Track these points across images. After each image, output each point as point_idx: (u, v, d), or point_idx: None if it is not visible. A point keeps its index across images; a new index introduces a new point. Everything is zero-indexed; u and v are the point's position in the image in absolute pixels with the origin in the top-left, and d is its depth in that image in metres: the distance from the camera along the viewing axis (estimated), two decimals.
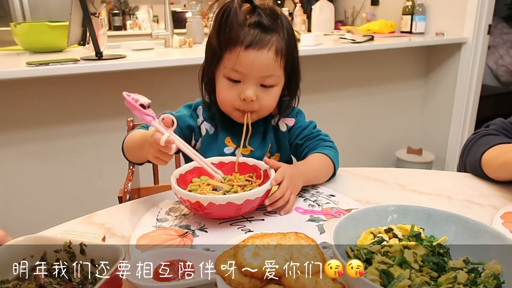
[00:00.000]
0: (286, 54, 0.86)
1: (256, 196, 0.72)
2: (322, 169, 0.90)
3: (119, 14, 3.96)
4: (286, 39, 0.86)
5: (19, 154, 1.73)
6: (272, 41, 0.83)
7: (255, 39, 0.82)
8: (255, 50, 0.82)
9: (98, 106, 1.80)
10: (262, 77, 0.85)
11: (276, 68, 0.85)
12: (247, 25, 0.82)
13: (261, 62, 0.83)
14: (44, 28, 1.87)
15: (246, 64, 0.83)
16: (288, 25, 0.87)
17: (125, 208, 0.82)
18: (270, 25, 0.83)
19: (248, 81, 0.85)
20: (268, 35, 0.83)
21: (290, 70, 0.90)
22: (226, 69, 0.85)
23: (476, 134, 0.97)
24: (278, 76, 0.87)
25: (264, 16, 0.83)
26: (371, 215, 0.62)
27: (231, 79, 0.85)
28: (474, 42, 2.37)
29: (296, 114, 1.00)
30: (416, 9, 2.56)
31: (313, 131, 0.98)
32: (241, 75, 0.84)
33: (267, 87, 0.87)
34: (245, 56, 0.82)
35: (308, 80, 2.30)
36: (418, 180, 0.91)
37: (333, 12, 2.88)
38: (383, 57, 2.50)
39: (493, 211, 0.75)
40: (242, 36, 0.82)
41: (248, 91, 0.84)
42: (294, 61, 0.90)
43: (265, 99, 0.87)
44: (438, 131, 2.68)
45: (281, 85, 0.90)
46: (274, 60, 0.84)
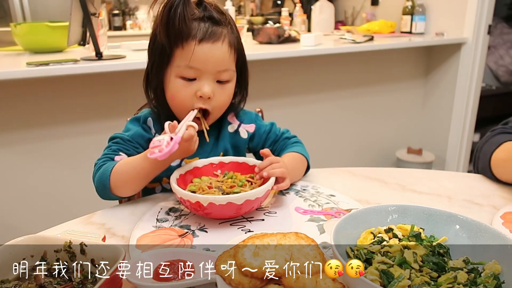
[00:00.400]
0: (237, 48, 0.85)
1: (256, 196, 0.72)
2: (300, 167, 0.91)
3: (119, 14, 3.97)
4: (235, 35, 0.84)
5: (19, 154, 1.73)
6: (225, 33, 0.81)
7: (208, 32, 0.79)
8: (210, 43, 0.79)
9: (98, 106, 1.80)
10: (218, 72, 0.82)
11: (231, 62, 0.84)
12: (197, 19, 0.80)
13: (217, 56, 0.81)
14: (44, 28, 1.87)
15: (201, 58, 0.79)
16: (233, 22, 0.86)
17: (125, 208, 0.82)
18: (219, 18, 0.82)
19: (204, 77, 0.81)
20: (220, 27, 0.81)
21: (240, 65, 0.88)
22: (179, 67, 0.81)
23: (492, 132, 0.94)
24: (233, 71, 0.85)
25: (212, 10, 0.81)
26: (371, 215, 0.62)
27: (185, 77, 0.81)
28: (474, 42, 2.37)
29: (254, 118, 0.98)
30: (416, 9, 2.56)
31: (277, 133, 0.97)
32: (196, 71, 0.80)
33: (222, 83, 0.84)
34: (200, 50, 0.79)
35: (308, 80, 2.31)
36: (418, 180, 0.91)
37: (333, 12, 2.88)
38: (383, 57, 2.50)
39: (493, 211, 0.75)
40: (194, 30, 0.79)
41: (205, 88, 0.81)
42: (243, 57, 0.88)
43: (220, 97, 0.84)
44: (438, 131, 2.68)
45: (234, 82, 0.88)
46: (229, 53, 0.82)
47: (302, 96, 2.30)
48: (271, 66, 2.13)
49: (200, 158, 0.88)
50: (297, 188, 0.88)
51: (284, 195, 0.85)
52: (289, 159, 0.89)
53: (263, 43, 2.21)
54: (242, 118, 0.96)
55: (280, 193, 0.86)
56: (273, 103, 2.21)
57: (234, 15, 2.27)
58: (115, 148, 0.85)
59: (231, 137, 0.95)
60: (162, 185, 0.92)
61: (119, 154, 0.84)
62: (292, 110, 2.27)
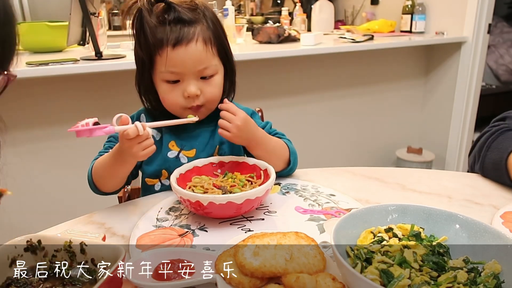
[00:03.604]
0: (216, 42, 0.85)
1: (256, 195, 0.72)
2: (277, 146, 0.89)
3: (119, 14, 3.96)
4: (211, 28, 0.84)
5: (19, 154, 1.73)
6: (197, 32, 0.82)
7: (180, 35, 0.80)
8: (183, 46, 0.80)
9: (98, 106, 1.79)
10: (199, 71, 0.83)
11: (210, 58, 0.84)
12: (167, 24, 0.80)
13: (193, 56, 0.81)
14: (44, 28, 1.87)
15: (178, 62, 0.81)
16: (211, 14, 0.86)
17: (125, 207, 0.82)
18: (190, 17, 0.82)
19: (187, 78, 0.83)
20: (192, 27, 0.81)
21: (224, 57, 0.89)
22: (161, 73, 0.83)
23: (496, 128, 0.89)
24: (215, 65, 0.86)
25: (181, 10, 0.81)
26: (371, 215, 0.62)
27: (169, 81, 0.84)
28: (474, 41, 2.37)
29: (251, 115, 0.97)
30: (416, 9, 2.56)
31: (270, 130, 0.97)
32: (177, 74, 0.83)
33: (207, 78, 0.85)
34: (175, 55, 0.80)
35: (308, 80, 2.31)
36: (418, 180, 0.91)
37: (333, 11, 2.87)
38: (383, 56, 2.50)
39: (493, 211, 0.75)
40: (165, 36, 0.80)
41: (190, 88, 0.83)
42: (225, 48, 0.88)
43: (209, 91, 0.86)
44: (438, 130, 2.68)
45: (221, 73, 0.88)
46: (206, 50, 0.83)
47: (302, 95, 2.30)
48: (271, 65, 2.13)
49: (197, 150, 0.90)
50: (297, 188, 0.88)
51: (284, 194, 0.85)
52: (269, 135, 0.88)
53: (263, 43, 2.21)
54: None
55: (280, 192, 0.86)
56: (273, 103, 2.21)
57: (234, 15, 2.26)
58: (107, 146, 0.89)
59: None
60: (161, 181, 0.92)
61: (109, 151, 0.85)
62: (292, 109, 2.27)
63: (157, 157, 0.90)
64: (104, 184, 0.83)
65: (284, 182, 0.91)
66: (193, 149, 0.91)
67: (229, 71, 0.92)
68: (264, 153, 0.87)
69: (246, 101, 1.01)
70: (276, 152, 0.89)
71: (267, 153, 0.87)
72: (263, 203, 0.81)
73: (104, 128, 0.68)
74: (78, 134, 0.67)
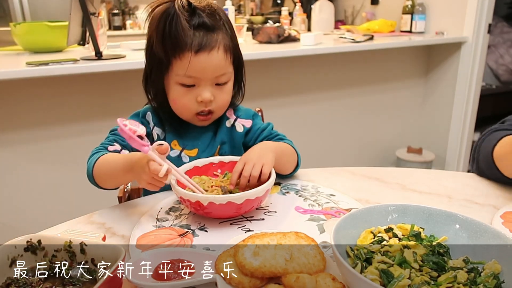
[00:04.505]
0: (233, 49, 0.86)
1: (256, 195, 0.72)
2: (288, 152, 0.89)
3: (119, 14, 3.96)
4: (229, 33, 0.85)
5: (19, 154, 1.73)
6: (219, 40, 0.82)
7: (203, 42, 0.80)
8: (206, 53, 0.81)
9: (98, 106, 1.79)
10: (216, 77, 0.84)
11: (227, 65, 0.85)
12: (192, 28, 0.80)
13: (214, 64, 0.82)
14: (44, 28, 1.87)
15: (199, 68, 0.81)
16: (226, 17, 0.86)
17: (125, 207, 0.82)
18: (212, 23, 0.82)
19: (203, 84, 0.84)
20: (214, 34, 0.82)
21: (236, 63, 0.89)
22: (177, 76, 0.83)
23: (488, 130, 0.93)
24: (230, 72, 0.87)
25: (204, 16, 0.81)
26: (371, 215, 0.62)
27: (184, 84, 0.84)
28: (474, 41, 2.36)
29: (252, 116, 0.99)
30: (416, 9, 2.56)
31: (272, 131, 0.97)
32: (195, 79, 0.83)
33: (221, 85, 0.86)
34: (197, 61, 0.80)
35: (308, 80, 2.31)
36: (418, 180, 0.91)
37: (333, 11, 2.87)
38: (383, 56, 2.50)
39: (493, 211, 0.75)
40: (189, 41, 0.79)
41: (205, 93, 0.84)
42: (238, 55, 0.89)
43: (221, 97, 0.87)
44: (438, 130, 2.68)
45: (232, 80, 0.89)
46: (225, 59, 0.84)
47: (302, 95, 2.30)
48: (271, 65, 2.13)
49: (199, 149, 0.91)
50: (297, 188, 0.88)
51: (284, 194, 0.85)
52: (277, 145, 0.88)
53: (263, 43, 2.21)
54: (239, 113, 0.98)
55: (280, 192, 0.86)
56: (273, 103, 2.21)
57: (234, 15, 2.26)
58: (111, 138, 0.88)
59: (228, 131, 0.96)
60: None
61: (113, 144, 0.86)
62: (292, 109, 2.27)
63: None
64: (104, 182, 0.83)
65: (284, 182, 0.91)
66: (195, 148, 0.92)
67: (239, 77, 0.92)
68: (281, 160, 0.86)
69: (246, 101, 1.01)
70: (289, 159, 0.90)
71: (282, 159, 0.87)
72: (263, 203, 0.81)
73: (140, 145, 0.66)
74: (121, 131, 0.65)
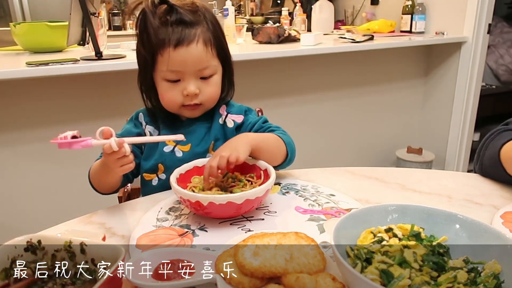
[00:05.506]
0: (215, 43, 0.88)
1: (256, 195, 0.72)
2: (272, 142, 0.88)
3: (119, 14, 3.96)
4: (211, 29, 0.87)
5: (19, 154, 1.73)
6: (198, 33, 0.85)
7: (181, 36, 0.83)
8: (184, 47, 0.83)
9: (98, 106, 1.79)
10: (199, 70, 0.87)
11: (210, 58, 0.87)
12: (169, 25, 0.83)
13: (194, 57, 0.84)
14: (44, 28, 1.87)
15: (179, 62, 0.84)
16: (211, 16, 0.89)
17: (125, 207, 0.82)
18: (191, 19, 0.84)
19: (187, 78, 0.86)
20: (193, 29, 0.84)
21: (223, 57, 0.91)
22: (162, 72, 0.86)
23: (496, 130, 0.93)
24: (214, 65, 0.89)
25: (183, 12, 0.84)
26: (371, 215, 0.62)
27: (169, 80, 0.87)
28: (474, 42, 2.36)
29: (245, 111, 0.99)
30: (416, 9, 2.56)
31: (263, 125, 0.96)
32: (178, 73, 0.86)
33: (206, 78, 0.88)
34: (177, 55, 0.83)
35: (308, 80, 2.31)
36: (418, 180, 0.91)
37: (333, 11, 2.87)
38: (383, 56, 2.50)
39: (493, 211, 0.75)
40: (167, 37, 0.83)
41: (189, 87, 0.86)
42: (224, 49, 0.91)
43: (207, 90, 0.89)
44: (438, 130, 2.68)
45: (220, 73, 0.92)
46: (206, 51, 0.86)
47: (302, 95, 2.30)
48: (271, 65, 2.13)
49: (192, 144, 0.93)
50: (297, 188, 0.88)
51: (284, 194, 0.85)
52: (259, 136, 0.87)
53: (263, 43, 2.21)
54: (230, 109, 0.99)
55: (280, 192, 0.86)
56: (273, 103, 2.21)
57: (234, 15, 2.26)
58: None
59: (220, 128, 0.97)
60: (158, 175, 0.94)
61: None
62: (292, 109, 2.27)
63: (154, 152, 0.93)
64: (99, 187, 0.88)
65: (284, 182, 0.91)
66: (188, 143, 0.93)
67: (227, 71, 0.94)
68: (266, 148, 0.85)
69: (246, 101, 1.02)
70: (274, 150, 0.88)
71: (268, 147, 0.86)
72: (263, 203, 0.81)
73: (81, 142, 0.69)
74: (59, 146, 0.68)
